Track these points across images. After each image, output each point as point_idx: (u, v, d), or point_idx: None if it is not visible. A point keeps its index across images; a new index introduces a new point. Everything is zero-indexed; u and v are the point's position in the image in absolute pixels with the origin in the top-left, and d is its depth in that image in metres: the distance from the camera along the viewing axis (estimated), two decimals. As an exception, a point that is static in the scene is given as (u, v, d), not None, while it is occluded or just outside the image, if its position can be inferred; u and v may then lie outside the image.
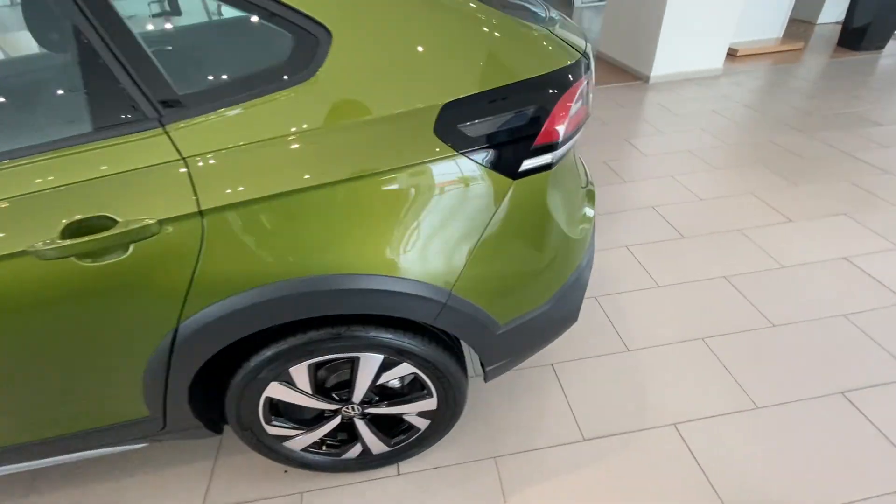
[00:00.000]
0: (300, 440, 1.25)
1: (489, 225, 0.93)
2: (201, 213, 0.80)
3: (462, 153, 0.86)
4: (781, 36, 5.04)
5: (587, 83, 0.96)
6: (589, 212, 1.17)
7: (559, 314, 1.15)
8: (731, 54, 4.80)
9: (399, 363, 1.09)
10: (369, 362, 1.08)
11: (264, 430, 1.19)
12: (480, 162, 0.88)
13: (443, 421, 1.28)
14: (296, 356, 1.02)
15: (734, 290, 1.92)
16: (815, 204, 2.42)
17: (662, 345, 1.71)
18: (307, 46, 0.79)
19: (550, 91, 0.88)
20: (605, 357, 1.68)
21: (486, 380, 1.23)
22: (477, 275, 0.97)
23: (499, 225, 0.94)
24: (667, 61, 4.17)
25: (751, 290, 1.92)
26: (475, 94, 0.84)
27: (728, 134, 3.24)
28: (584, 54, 0.95)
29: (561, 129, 0.91)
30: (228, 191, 0.80)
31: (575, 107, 0.92)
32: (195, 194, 0.79)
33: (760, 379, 1.56)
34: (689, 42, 4.09)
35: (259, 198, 0.81)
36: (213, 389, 1.13)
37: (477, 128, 0.85)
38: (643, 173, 2.83)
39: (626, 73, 4.58)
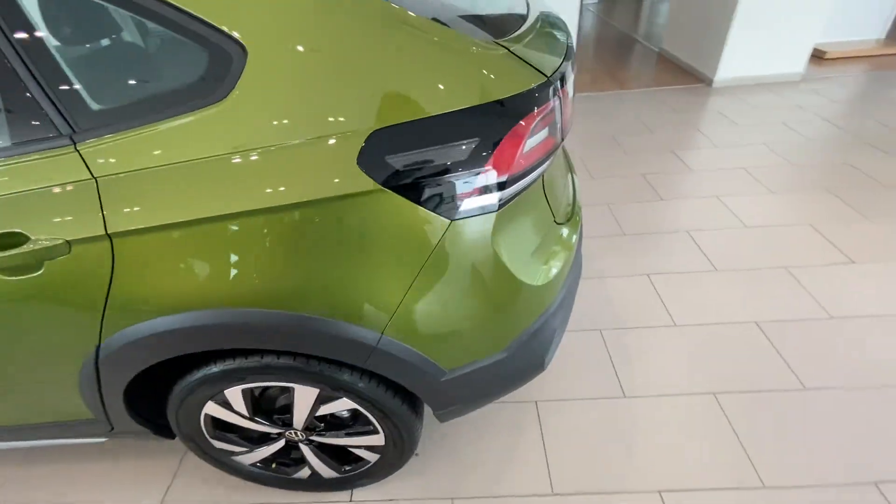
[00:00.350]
0: (247, 457, 1.23)
1: (424, 267, 0.83)
2: (109, 237, 0.77)
3: (389, 188, 0.76)
4: (884, 37, 4.36)
5: (554, 110, 0.82)
6: (564, 248, 1.02)
7: (517, 364, 1.03)
8: (818, 56, 4.22)
9: (338, 397, 1.03)
10: (305, 393, 1.02)
11: (210, 444, 1.18)
12: (411, 199, 0.77)
13: (392, 458, 1.20)
14: (226, 381, 0.98)
15: (765, 339, 1.67)
16: (887, 243, 2.06)
17: (665, 395, 1.52)
18: (221, 64, 0.72)
19: (496, 123, 0.75)
20: (597, 401, 1.53)
21: (440, 421, 1.14)
22: (413, 319, 0.88)
23: (436, 268, 0.84)
24: (735, 62, 3.73)
25: (785, 341, 1.66)
26: (407, 123, 0.74)
27: (795, 151, 2.84)
28: (551, 77, 0.81)
29: (510, 167, 0.78)
30: (136, 215, 0.76)
31: (531, 141, 0.79)
32: (103, 216, 0.76)
33: (775, 452, 1.34)
34: (763, 40, 3.63)
35: (167, 224, 0.76)
36: (158, 399, 1.12)
37: (407, 160, 0.75)
38: (684, 191, 2.55)
39: (688, 75, 4.17)
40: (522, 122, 0.76)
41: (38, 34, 0.71)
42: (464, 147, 0.75)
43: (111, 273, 0.80)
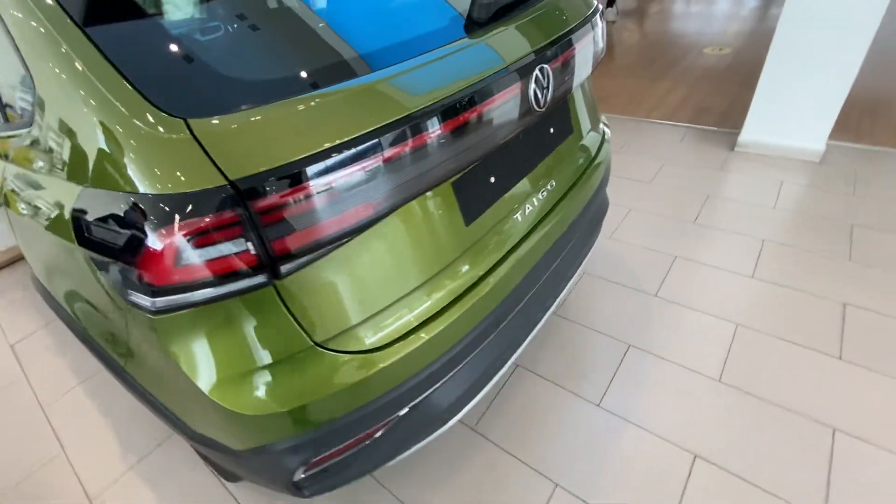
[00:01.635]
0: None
1: (129, 334, 0.79)
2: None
3: (86, 247, 0.74)
4: None
5: (242, 223, 0.61)
6: (321, 385, 0.77)
7: (257, 471, 0.89)
8: None
9: None
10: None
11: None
12: (99, 268, 0.73)
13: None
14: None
15: None
16: None
17: None
18: (30, 90, 0.81)
19: (138, 221, 0.62)
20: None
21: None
22: (145, 369, 0.87)
23: (138, 340, 0.79)
24: None
25: None
26: (99, 189, 0.68)
27: None
28: (237, 182, 0.59)
29: (152, 276, 0.63)
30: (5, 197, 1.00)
31: (193, 254, 0.61)
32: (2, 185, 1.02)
33: None
34: None
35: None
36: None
37: (94, 226, 0.71)
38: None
39: None
40: (148, 230, 0.61)
41: None
42: (118, 234, 0.65)
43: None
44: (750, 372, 1.51)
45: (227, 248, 0.63)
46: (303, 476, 0.87)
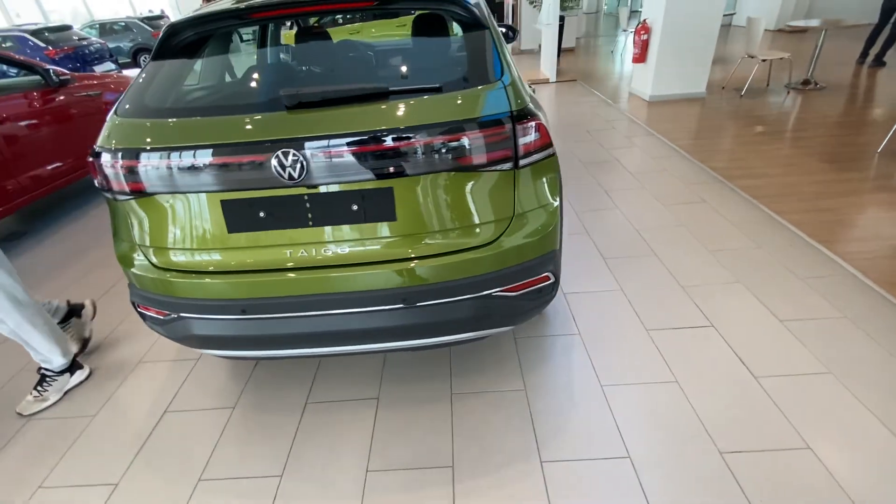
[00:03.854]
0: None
1: None
2: None
3: None
4: None
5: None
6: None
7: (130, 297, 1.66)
8: None
9: None
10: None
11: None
12: None
13: None
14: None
15: None
16: None
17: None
18: None
19: None
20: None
21: None
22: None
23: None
24: None
25: None
26: None
27: None
28: (98, 149, 1.32)
29: (94, 177, 1.42)
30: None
31: (97, 171, 1.39)
32: None
33: None
34: None
35: None
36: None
37: None
38: None
39: None
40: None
41: None
42: None
43: None
44: None
45: (100, 176, 1.36)
46: (139, 310, 1.59)
